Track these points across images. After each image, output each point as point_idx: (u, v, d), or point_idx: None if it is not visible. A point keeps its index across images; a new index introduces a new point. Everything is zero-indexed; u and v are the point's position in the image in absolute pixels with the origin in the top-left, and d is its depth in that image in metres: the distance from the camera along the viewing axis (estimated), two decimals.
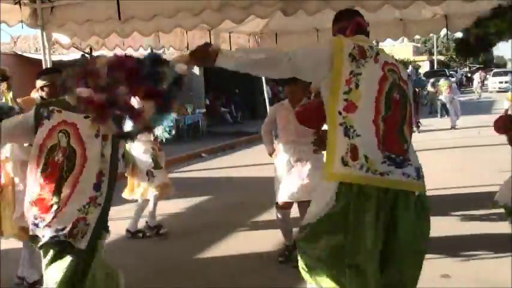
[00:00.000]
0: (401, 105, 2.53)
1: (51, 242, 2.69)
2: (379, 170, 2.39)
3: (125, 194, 5.54)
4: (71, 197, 2.71)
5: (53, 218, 2.70)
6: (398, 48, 53.46)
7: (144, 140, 5.26)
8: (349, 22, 2.77)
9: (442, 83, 16.69)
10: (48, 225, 2.70)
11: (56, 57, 11.23)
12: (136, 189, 5.48)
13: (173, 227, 5.97)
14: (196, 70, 17.23)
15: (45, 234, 2.71)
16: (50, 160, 2.76)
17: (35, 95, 4.25)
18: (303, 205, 4.47)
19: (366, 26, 2.79)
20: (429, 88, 20.08)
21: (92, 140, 2.76)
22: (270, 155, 4.80)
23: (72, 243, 2.68)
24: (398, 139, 2.48)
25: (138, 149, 5.31)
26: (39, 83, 4.04)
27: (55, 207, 2.70)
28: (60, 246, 2.70)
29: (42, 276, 3.58)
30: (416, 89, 15.30)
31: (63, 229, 2.68)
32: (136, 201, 5.55)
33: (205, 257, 4.92)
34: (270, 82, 18.15)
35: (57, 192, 2.72)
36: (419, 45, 61.22)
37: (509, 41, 3.31)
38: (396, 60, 2.74)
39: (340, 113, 2.45)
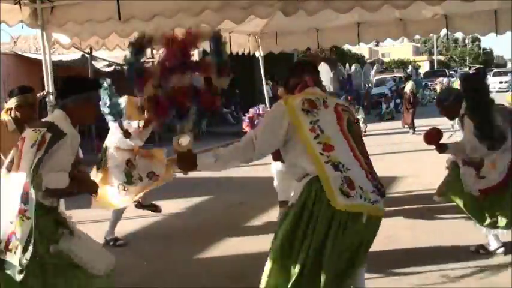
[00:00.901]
0: (361, 139, 2.86)
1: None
2: (371, 199, 2.64)
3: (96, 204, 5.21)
4: (1, 210, 2.74)
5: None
6: (399, 48, 53.55)
7: (123, 150, 5.13)
8: (299, 80, 3.03)
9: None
10: None
11: (56, 57, 11.24)
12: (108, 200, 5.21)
13: (173, 227, 5.98)
14: None
15: None
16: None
17: (5, 117, 4.10)
18: None
19: (316, 80, 3.05)
20: (437, 87, 20.38)
21: (27, 150, 2.77)
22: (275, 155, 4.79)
23: (5, 259, 2.68)
24: (373, 169, 2.78)
25: (113, 160, 5.13)
26: (12, 102, 4.01)
27: None
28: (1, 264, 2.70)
29: None
30: (414, 91, 15.32)
31: (1, 242, 2.70)
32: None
33: (205, 257, 4.92)
34: (270, 82, 18.17)
35: None
36: (419, 45, 61.25)
37: (509, 40, 3.33)
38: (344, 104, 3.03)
39: (322, 154, 2.68)
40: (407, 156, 10.26)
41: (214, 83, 2.84)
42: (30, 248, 2.63)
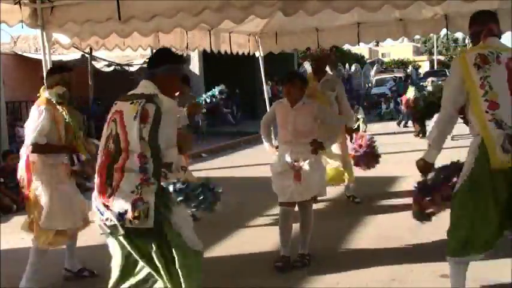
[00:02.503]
0: None
1: (121, 226, 2.76)
2: None
3: None
4: (122, 181, 2.77)
5: (111, 201, 2.77)
6: (399, 48, 53.52)
7: None
8: (482, 28, 3.20)
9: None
10: (110, 209, 2.77)
11: (56, 57, 11.24)
12: None
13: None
14: (196, 70, 17.24)
15: (108, 217, 2.78)
16: (105, 149, 2.88)
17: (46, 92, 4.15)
18: (303, 205, 4.48)
19: (497, 31, 3.23)
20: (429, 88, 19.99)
21: (131, 123, 2.80)
22: (271, 150, 4.79)
23: (137, 227, 2.74)
24: None
25: None
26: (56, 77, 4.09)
27: (109, 191, 2.78)
28: (130, 231, 2.77)
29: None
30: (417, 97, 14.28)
31: (125, 212, 2.74)
32: None
33: (205, 257, 4.88)
34: (270, 82, 18.17)
35: (109, 176, 2.80)
36: (419, 45, 61.26)
37: (509, 40, 3.39)
38: None
39: (487, 112, 2.93)
40: (407, 156, 10.25)
41: None
42: (152, 213, 2.74)
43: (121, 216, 2.75)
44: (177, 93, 4.28)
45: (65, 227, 4.07)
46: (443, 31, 6.85)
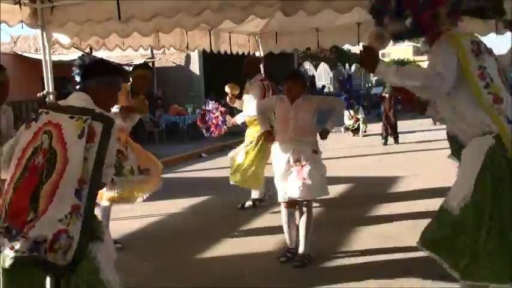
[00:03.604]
0: None
1: (29, 258, 2.39)
2: None
3: None
4: (51, 204, 2.44)
5: (30, 228, 2.40)
6: (398, 48, 53.48)
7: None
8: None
9: None
10: (24, 237, 2.40)
11: (56, 57, 11.24)
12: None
13: (173, 227, 5.97)
14: (196, 70, 17.23)
15: (17, 247, 2.39)
16: (31, 164, 2.54)
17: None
18: (303, 205, 4.48)
19: None
20: None
21: (74, 141, 2.52)
22: (266, 133, 4.72)
23: (51, 260, 2.40)
24: None
25: None
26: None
27: (31, 215, 2.43)
28: (40, 265, 2.42)
29: None
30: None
31: (43, 241, 2.39)
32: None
33: (205, 257, 4.92)
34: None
35: (35, 197, 2.46)
36: (419, 45, 61.21)
37: (509, 39, 3.31)
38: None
39: (492, 106, 2.62)
40: (407, 156, 10.26)
41: None
42: (73, 249, 2.43)
43: (36, 244, 2.39)
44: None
45: None
46: None
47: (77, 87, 2.87)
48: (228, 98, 6.54)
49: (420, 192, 6.81)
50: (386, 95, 12.51)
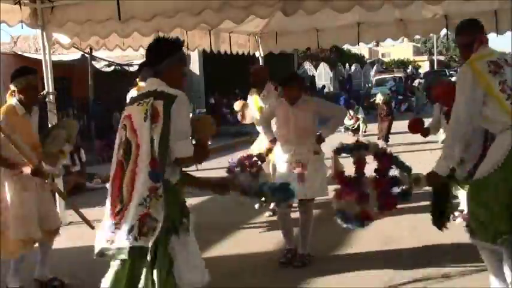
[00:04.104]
0: None
1: (129, 250, 2.52)
2: None
3: None
4: (133, 192, 2.55)
5: (120, 219, 2.56)
6: (398, 48, 53.49)
7: None
8: (473, 37, 3.21)
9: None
10: (117, 228, 2.57)
11: (56, 57, 11.24)
12: None
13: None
14: (196, 70, 17.24)
15: (114, 239, 2.56)
16: (117, 159, 2.68)
17: (11, 99, 3.94)
18: (304, 205, 4.48)
19: (486, 39, 3.28)
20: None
21: (142, 125, 2.59)
22: (273, 141, 4.74)
23: (143, 245, 2.51)
24: None
25: None
26: (16, 85, 3.86)
27: (119, 206, 2.58)
28: (136, 253, 2.53)
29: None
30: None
31: (132, 228, 2.52)
32: None
33: (205, 257, 4.87)
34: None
35: (121, 189, 2.59)
36: (419, 45, 61.21)
37: (509, 40, 3.43)
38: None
39: None
40: (407, 156, 10.25)
41: None
42: (157, 232, 2.51)
43: (128, 233, 2.53)
44: None
45: (16, 237, 3.80)
46: (443, 31, 6.87)
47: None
48: (239, 116, 6.46)
49: (420, 192, 6.79)
50: (380, 102, 13.20)
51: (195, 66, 17.21)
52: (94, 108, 13.66)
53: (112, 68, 14.83)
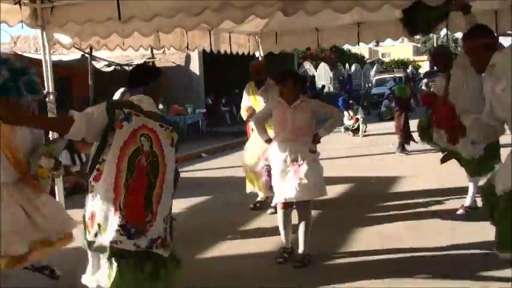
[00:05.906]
0: None
1: (147, 253, 2.83)
2: None
3: None
4: (159, 204, 2.83)
5: (149, 228, 2.79)
6: (399, 48, 53.50)
7: None
8: (496, 39, 3.22)
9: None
10: (144, 235, 2.79)
11: (56, 57, 11.24)
12: None
13: (173, 227, 5.96)
14: (196, 70, 17.24)
15: (139, 243, 2.78)
16: (136, 164, 2.77)
17: None
18: (301, 205, 4.47)
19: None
20: (423, 88, 19.80)
21: (169, 149, 2.90)
22: (268, 141, 4.81)
23: (161, 253, 2.88)
24: None
25: None
26: None
27: (149, 216, 2.80)
28: (154, 258, 2.87)
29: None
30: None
31: (157, 239, 2.83)
32: None
33: (205, 257, 4.92)
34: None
35: (149, 199, 2.79)
36: (419, 45, 61.22)
37: (510, 40, 3.39)
38: None
39: None
40: (407, 156, 10.26)
41: None
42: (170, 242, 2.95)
43: (151, 242, 2.81)
44: None
45: (5, 252, 3.46)
46: (443, 31, 6.85)
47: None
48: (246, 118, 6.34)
49: (420, 192, 6.80)
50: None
51: (195, 66, 17.21)
52: None
53: (112, 68, 14.84)
